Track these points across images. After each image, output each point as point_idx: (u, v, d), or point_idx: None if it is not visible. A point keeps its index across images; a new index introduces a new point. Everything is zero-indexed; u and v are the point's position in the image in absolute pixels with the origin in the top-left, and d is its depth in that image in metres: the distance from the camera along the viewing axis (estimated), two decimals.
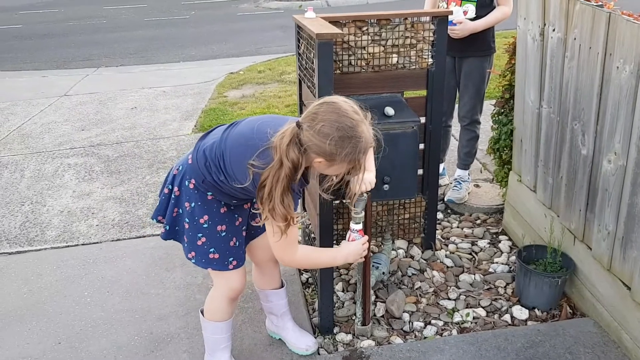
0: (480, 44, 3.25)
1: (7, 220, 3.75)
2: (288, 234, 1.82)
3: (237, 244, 2.10)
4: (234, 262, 2.09)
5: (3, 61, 9.51)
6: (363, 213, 2.21)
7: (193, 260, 2.09)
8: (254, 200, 2.10)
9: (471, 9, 3.19)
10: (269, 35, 10.41)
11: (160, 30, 11.53)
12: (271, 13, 13.03)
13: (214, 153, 1.91)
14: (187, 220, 2.04)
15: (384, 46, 2.78)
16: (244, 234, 2.15)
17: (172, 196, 2.04)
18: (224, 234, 2.04)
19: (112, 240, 3.45)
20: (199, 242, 2.04)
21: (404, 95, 2.95)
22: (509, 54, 3.12)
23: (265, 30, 10.82)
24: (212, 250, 2.05)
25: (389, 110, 2.65)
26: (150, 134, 5.20)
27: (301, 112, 2.94)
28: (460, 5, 3.25)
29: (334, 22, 2.65)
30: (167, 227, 2.11)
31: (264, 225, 2.14)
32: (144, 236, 3.48)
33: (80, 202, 3.95)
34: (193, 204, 2.00)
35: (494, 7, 3.23)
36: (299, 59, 2.83)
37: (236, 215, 2.07)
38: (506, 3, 3.20)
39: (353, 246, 2.12)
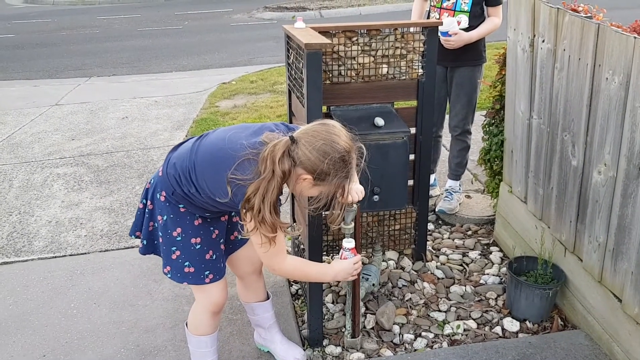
0: (472, 53, 3.26)
1: None
2: (276, 242, 1.80)
3: (214, 257, 2.05)
4: (210, 276, 2.03)
5: None
6: (353, 224, 2.19)
7: (169, 275, 2.05)
8: (232, 213, 2.08)
9: (464, 19, 3.20)
10: (261, 45, 10.43)
11: (153, 40, 11.53)
12: (264, 23, 13.05)
13: (184, 165, 1.87)
14: (160, 234, 2.00)
15: (374, 56, 2.77)
16: (222, 247, 2.10)
17: (146, 210, 2.02)
18: (198, 246, 1.99)
19: (100, 251, 3.41)
20: (173, 256, 2.00)
21: (394, 106, 2.94)
22: (499, 65, 3.13)
23: (258, 41, 10.84)
24: (187, 264, 1.99)
25: (379, 121, 2.64)
26: (141, 143, 5.17)
27: (291, 122, 2.92)
28: (454, 16, 3.25)
29: (324, 32, 2.64)
30: (145, 242, 2.08)
31: (242, 238, 2.13)
32: (132, 247, 3.44)
33: (69, 212, 3.91)
34: (165, 217, 1.96)
35: (485, 18, 3.24)
36: (288, 69, 2.82)
37: (212, 228, 2.02)
38: (496, 14, 3.22)
39: (344, 265, 2.09)
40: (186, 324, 2.21)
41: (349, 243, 2.12)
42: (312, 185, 1.72)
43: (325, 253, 3.05)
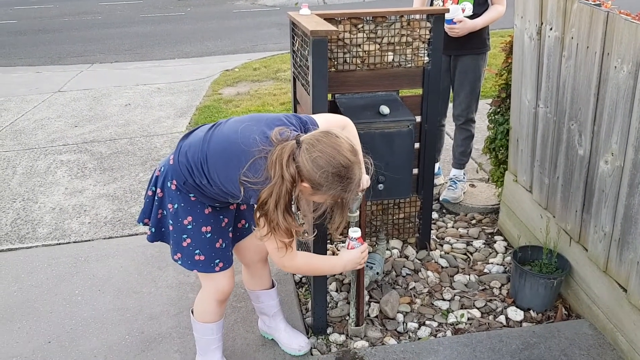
0: (476, 41, 3.23)
1: None
2: (292, 247, 1.82)
3: (224, 245, 2.06)
4: (220, 264, 2.05)
5: None
6: (358, 212, 2.19)
7: (179, 262, 2.06)
8: (241, 202, 2.06)
9: (468, 6, 3.17)
10: (264, 32, 10.38)
11: (156, 26, 11.49)
12: (267, 10, 12.99)
13: (196, 156, 1.86)
14: (171, 222, 2.01)
15: (379, 44, 2.75)
16: (230, 235, 2.10)
17: (156, 198, 2.01)
18: (209, 235, 2.00)
19: (104, 238, 3.41)
20: (184, 244, 2.01)
21: (399, 94, 2.93)
22: (505, 52, 3.10)
23: (261, 28, 10.79)
24: (197, 251, 2.00)
25: (384, 109, 2.63)
26: (144, 131, 5.16)
27: (295, 110, 2.91)
28: (458, 3, 3.22)
29: (329, 19, 2.62)
30: (153, 230, 2.08)
31: (249, 225, 2.15)
32: (137, 234, 3.44)
33: (73, 199, 3.91)
34: (176, 205, 1.96)
35: (489, 5, 3.21)
36: (293, 56, 2.80)
37: (222, 217, 2.03)
38: (500, 2, 3.18)
39: (352, 255, 2.10)
40: (192, 311, 2.21)
41: (355, 232, 2.11)
42: (312, 193, 1.69)
43: (332, 242, 3.06)
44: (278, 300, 2.41)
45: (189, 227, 1.97)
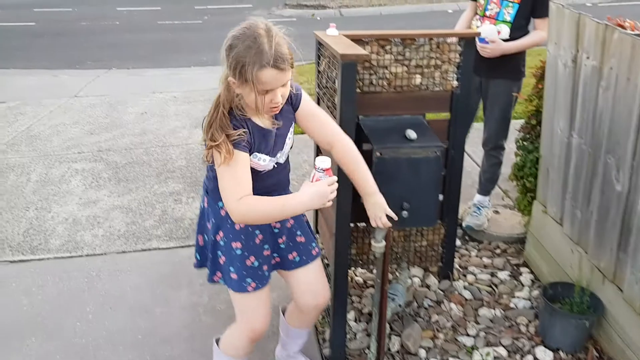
0: (510, 67, 3.14)
1: (11, 225, 3.65)
2: (233, 168, 1.72)
3: (256, 263, 1.95)
4: (253, 284, 1.94)
5: (15, 59, 9.45)
6: (384, 243, 2.10)
7: (221, 281, 2.01)
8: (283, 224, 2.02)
9: (505, 30, 3.07)
10: None
11: (173, 34, 11.48)
12: (284, 21, 12.93)
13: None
14: (210, 240, 1.99)
15: (407, 66, 2.67)
16: (265, 253, 1.99)
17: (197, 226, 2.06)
18: (239, 252, 1.93)
19: (118, 253, 3.34)
20: (221, 261, 1.97)
21: (425, 118, 2.84)
22: (536, 78, 3.01)
23: None
24: (231, 269, 1.95)
25: (411, 134, 2.54)
26: (159, 141, 5.11)
27: None
28: (495, 25, 3.14)
29: (357, 40, 2.55)
30: (198, 256, 2.08)
31: (301, 259, 2.08)
32: (150, 249, 3.37)
33: (86, 210, 3.84)
34: (210, 222, 1.97)
35: (527, 32, 3.12)
36: (318, 76, 2.73)
37: (256, 232, 1.94)
38: (544, 28, 3.06)
39: (317, 187, 1.74)
40: (216, 341, 2.13)
41: (323, 162, 1.78)
42: (236, 81, 1.70)
43: (351, 267, 2.97)
44: (306, 339, 2.32)
45: (221, 243, 1.94)
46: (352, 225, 2.60)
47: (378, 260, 2.16)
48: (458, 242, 3.24)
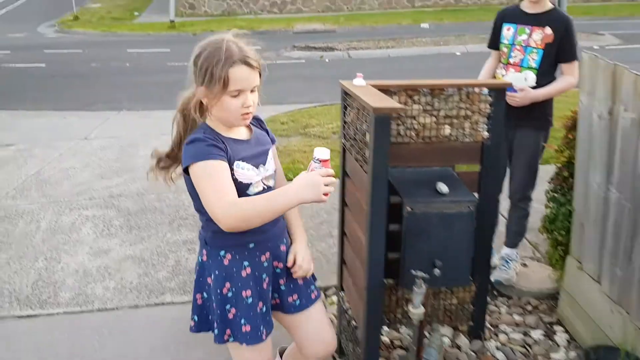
0: (537, 115, 3.05)
1: (19, 277, 3.53)
2: (212, 178, 1.69)
3: (265, 308, 1.92)
4: (265, 331, 1.90)
5: (25, 100, 9.48)
6: (422, 309, 1.97)
7: (231, 339, 1.89)
8: (276, 253, 1.97)
9: (531, 76, 2.99)
10: (290, 85, 10.36)
11: (182, 75, 11.33)
12: (292, 63, 13.03)
13: None
14: (213, 298, 1.89)
15: (436, 117, 2.59)
16: (269, 297, 1.96)
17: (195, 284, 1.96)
18: (250, 300, 1.87)
19: (130, 307, 3.21)
20: (230, 316, 1.87)
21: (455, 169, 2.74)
22: (566, 128, 2.92)
23: (286, 80, 10.77)
24: (243, 321, 1.86)
25: (442, 187, 2.44)
26: (171, 185, 5.00)
27: (343, 183, 2.72)
28: (520, 72, 3.07)
29: (385, 90, 2.47)
30: (196, 318, 1.95)
31: (300, 302, 2.05)
32: (164, 304, 3.23)
33: (97, 260, 3.72)
34: (212, 275, 1.88)
35: (554, 78, 3.05)
36: (344, 127, 2.63)
37: (263, 276, 1.91)
38: (571, 73, 3.00)
39: (310, 177, 1.64)
40: None
41: (320, 153, 1.67)
42: (204, 88, 1.74)
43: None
44: None
45: (229, 294, 1.86)
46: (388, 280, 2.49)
47: (414, 325, 2.03)
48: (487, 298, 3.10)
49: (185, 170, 1.78)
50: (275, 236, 1.96)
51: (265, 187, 1.87)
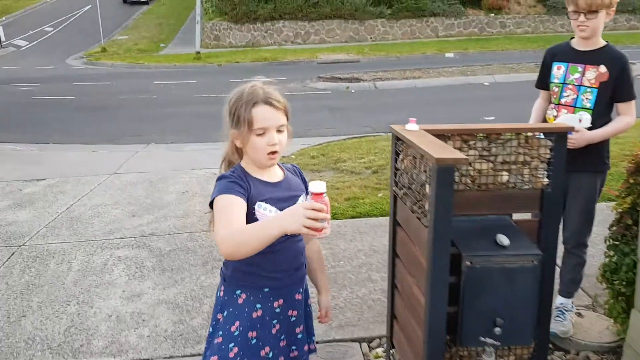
0: (593, 158, 2.89)
1: (52, 323, 3.42)
2: (226, 211, 1.76)
3: (271, 354, 1.94)
4: None
5: (54, 133, 9.57)
6: None
7: None
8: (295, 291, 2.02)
9: (586, 117, 2.84)
10: (317, 116, 10.31)
11: (209, 107, 11.55)
12: (318, 94, 13.03)
13: None
14: (220, 332, 1.94)
15: (492, 162, 2.44)
16: (282, 344, 1.98)
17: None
18: (254, 341, 1.92)
19: (165, 358, 3.07)
20: (232, 354, 1.90)
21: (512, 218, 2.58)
22: (628, 172, 2.75)
23: (313, 111, 10.74)
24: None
25: (503, 240, 2.28)
26: (203, 224, 4.90)
27: (394, 236, 2.57)
28: (574, 113, 2.92)
29: (439, 135, 2.35)
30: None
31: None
32: (199, 354, 3.08)
33: (131, 304, 3.60)
34: (225, 312, 1.95)
35: (610, 119, 2.89)
36: (395, 173, 2.50)
37: (274, 322, 1.95)
38: (628, 112, 2.85)
39: (292, 209, 1.63)
40: None
41: (313, 186, 1.59)
42: (236, 130, 1.89)
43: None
44: None
45: (236, 333, 1.90)
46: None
47: None
48: None
49: (211, 205, 1.86)
50: (290, 285, 1.99)
51: (289, 234, 1.76)
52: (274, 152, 1.87)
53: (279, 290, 1.95)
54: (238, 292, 1.92)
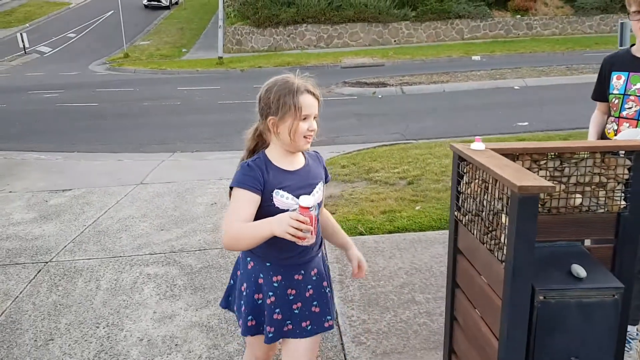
0: None
1: (80, 347, 3.25)
2: (237, 203, 1.96)
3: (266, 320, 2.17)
4: (253, 322, 2.17)
5: (78, 141, 9.49)
6: None
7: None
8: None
9: None
10: (344, 123, 10.10)
11: (233, 114, 11.43)
12: (344, 99, 12.82)
13: None
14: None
15: (565, 184, 2.21)
16: (275, 316, 2.14)
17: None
18: (260, 302, 2.16)
19: None
20: (243, 309, 2.18)
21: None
22: None
23: (339, 118, 10.52)
24: (250, 317, 2.17)
25: (579, 271, 2.04)
26: None
27: (454, 265, 2.34)
28: (637, 126, 2.67)
29: (507, 154, 2.12)
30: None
31: (319, 326, 2.23)
32: None
33: (162, 327, 3.42)
34: (240, 272, 2.24)
35: None
36: (458, 197, 2.28)
37: (269, 294, 2.12)
38: None
39: (281, 216, 1.83)
40: None
41: (302, 200, 1.81)
42: (274, 118, 2.00)
43: None
44: None
45: (244, 293, 2.15)
46: None
47: None
48: None
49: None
50: (290, 265, 2.12)
51: None
52: (309, 137, 2.04)
53: (278, 268, 2.11)
54: (248, 259, 2.15)
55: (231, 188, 2.02)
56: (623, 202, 2.24)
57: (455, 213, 2.28)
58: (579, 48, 19.98)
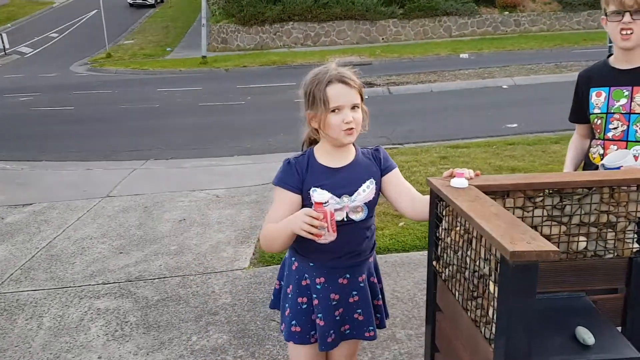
0: None
1: None
2: (275, 203, 1.97)
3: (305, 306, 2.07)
4: (316, 336, 2.04)
5: (49, 149, 9.02)
6: None
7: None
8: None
9: None
10: None
11: (214, 117, 10.99)
12: None
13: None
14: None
15: (566, 225, 1.81)
16: (319, 322, 2.02)
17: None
18: (304, 306, 2.04)
19: None
20: (286, 313, 2.08)
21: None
22: None
23: None
24: (293, 322, 2.05)
25: (587, 337, 1.65)
26: (199, 264, 4.29)
27: (433, 326, 1.93)
28: (627, 148, 2.27)
29: (494, 191, 1.72)
30: (272, 297, 2.25)
31: (355, 332, 2.11)
32: None
33: None
34: (286, 272, 2.12)
35: None
36: (438, 244, 1.85)
37: (313, 296, 2.03)
38: None
39: (296, 214, 1.81)
40: None
41: (317, 196, 1.83)
42: (313, 113, 1.90)
43: None
44: None
45: (289, 295, 2.06)
46: None
47: None
48: None
49: None
50: (334, 267, 2.01)
51: (346, 220, 1.95)
52: (350, 129, 1.90)
53: (320, 269, 2.01)
54: (293, 259, 2.06)
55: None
56: (636, 245, 1.85)
57: (434, 263, 1.86)
58: (567, 45, 19.67)
